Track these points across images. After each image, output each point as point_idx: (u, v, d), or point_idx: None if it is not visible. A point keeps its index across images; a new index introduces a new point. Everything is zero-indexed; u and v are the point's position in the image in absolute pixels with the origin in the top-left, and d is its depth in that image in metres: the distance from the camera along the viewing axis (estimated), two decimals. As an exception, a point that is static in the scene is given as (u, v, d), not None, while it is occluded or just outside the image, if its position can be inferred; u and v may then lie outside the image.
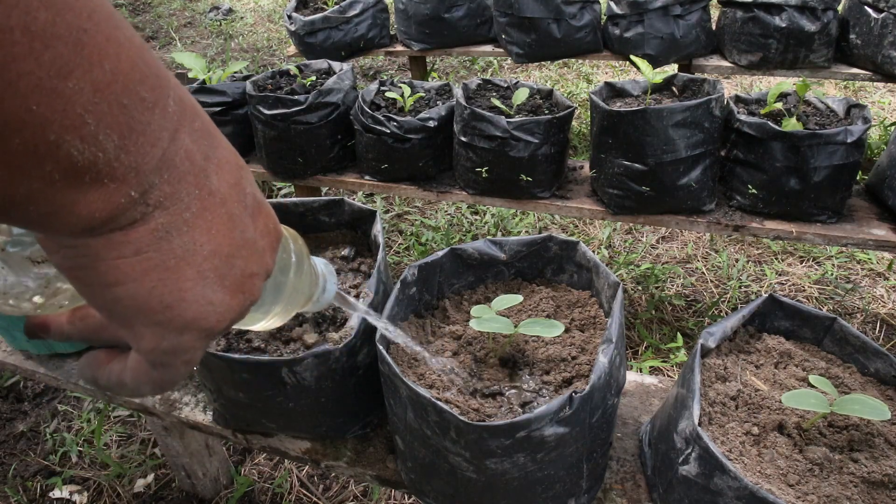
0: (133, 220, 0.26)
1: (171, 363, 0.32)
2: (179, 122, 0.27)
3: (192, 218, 0.28)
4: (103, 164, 0.24)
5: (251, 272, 0.32)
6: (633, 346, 1.79)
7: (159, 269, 0.28)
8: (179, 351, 0.31)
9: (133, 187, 0.25)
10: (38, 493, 1.44)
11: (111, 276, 0.27)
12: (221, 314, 0.31)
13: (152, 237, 0.27)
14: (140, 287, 0.28)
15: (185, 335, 0.30)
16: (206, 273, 0.29)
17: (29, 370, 1.01)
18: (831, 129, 1.40)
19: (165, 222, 0.27)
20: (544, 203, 1.67)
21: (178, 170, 0.27)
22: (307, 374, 0.71)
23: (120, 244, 0.26)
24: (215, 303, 0.30)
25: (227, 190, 0.30)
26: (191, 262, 0.28)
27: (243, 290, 0.32)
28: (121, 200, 0.25)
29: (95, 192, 0.24)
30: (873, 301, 1.90)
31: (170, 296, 0.28)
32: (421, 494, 0.74)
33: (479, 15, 2.70)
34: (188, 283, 0.29)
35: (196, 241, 0.28)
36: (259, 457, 1.51)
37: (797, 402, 0.61)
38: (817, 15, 2.16)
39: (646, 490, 0.74)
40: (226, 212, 0.30)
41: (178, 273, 0.28)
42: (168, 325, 0.29)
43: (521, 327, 0.67)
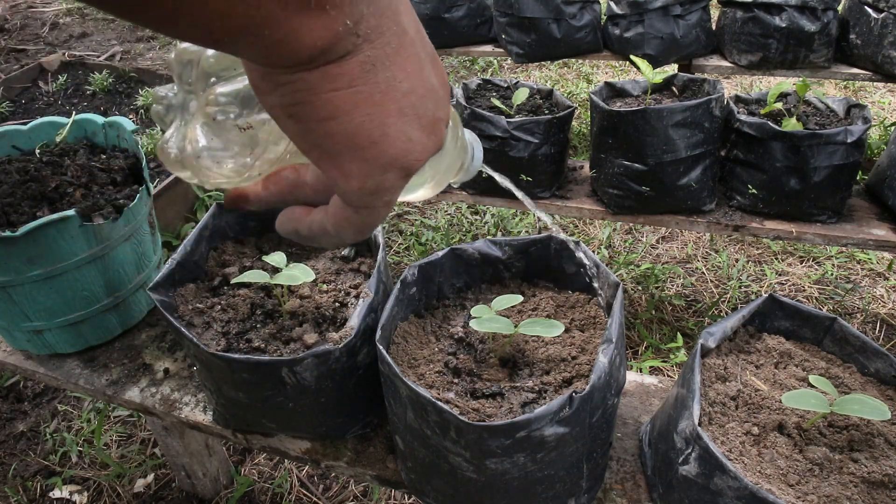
0: (346, 50, 0.27)
1: (374, 204, 0.33)
2: None
3: (393, 53, 0.29)
4: None
5: (438, 116, 0.33)
6: (633, 346, 1.79)
7: (368, 104, 0.29)
8: (382, 190, 0.32)
9: (348, 16, 0.26)
10: (38, 493, 1.44)
11: (326, 109, 0.28)
12: (419, 152, 0.32)
13: (361, 69, 0.28)
14: (351, 121, 0.29)
15: (389, 173, 0.31)
16: (405, 110, 0.30)
17: (29, 370, 1.01)
18: (831, 129, 1.40)
19: (372, 55, 0.28)
20: (544, 203, 1.67)
21: (381, 4, 0.28)
22: (307, 374, 0.71)
23: (334, 76, 0.28)
24: (414, 140, 0.31)
25: (414, 33, 0.31)
26: (392, 98, 0.30)
27: (434, 132, 0.33)
28: (338, 28, 0.26)
29: (318, 19, 0.26)
30: (873, 301, 1.90)
31: (376, 130, 0.30)
32: (421, 494, 0.74)
33: (479, 15, 2.70)
34: (391, 118, 0.30)
35: (396, 76, 0.30)
36: (259, 457, 1.51)
37: (797, 402, 0.61)
38: (817, 15, 2.16)
39: (646, 490, 0.74)
40: (415, 53, 0.31)
41: (382, 108, 0.30)
42: (374, 162, 0.31)
43: (522, 327, 0.67)
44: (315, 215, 0.37)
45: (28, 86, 3.02)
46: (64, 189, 0.94)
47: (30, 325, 0.95)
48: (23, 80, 3.03)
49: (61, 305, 0.93)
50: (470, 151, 0.45)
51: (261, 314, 0.80)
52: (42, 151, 1.03)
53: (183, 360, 0.99)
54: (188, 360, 0.98)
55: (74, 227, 0.87)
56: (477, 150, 0.46)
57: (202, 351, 0.71)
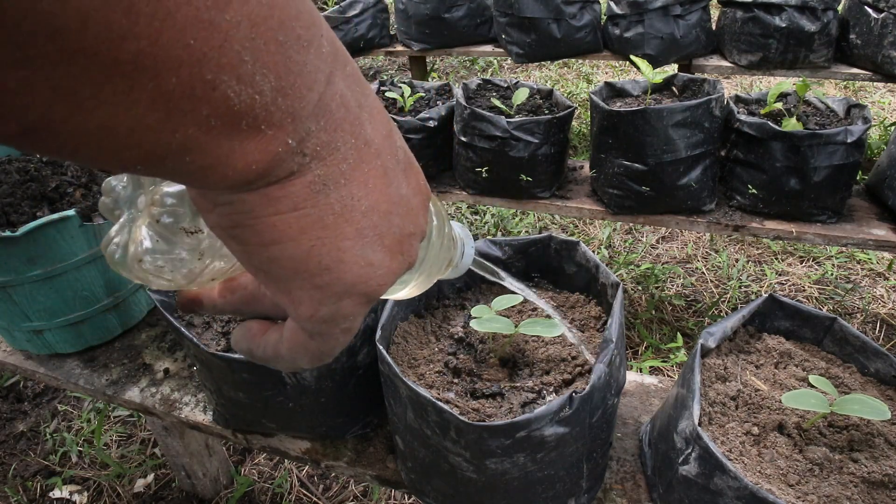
0: (290, 171, 0.25)
1: (330, 332, 0.30)
2: (334, 65, 0.25)
3: (349, 170, 0.26)
4: (260, 108, 0.22)
5: (408, 232, 0.30)
6: (633, 346, 1.79)
7: (317, 227, 0.26)
8: (339, 318, 0.29)
9: (290, 134, 0.24)
10: (38, 493, 1.44)
11: (268, 234, 0.26)
12: (382, 276, 0.29)
13: (309, 191, 0.25)
14: (298, 247, 0.26)
15: (345, 300, 0.28)
16: (364, 231, 0.27)
17: (29, 370, 1.01)
18: (831, 129, 1.40)
19: (322, 174, 0.25)
20: (544, 203, 1.67)
21: (334, 116, 0.25)
22: (307, 374, 0.71)
23: (277, 199, 0.25)
24: (375, 264, 0.28)
25: (380, 141, 0.28)
26: (349, 219, 0.27)
27: (402, 252, 0.30)
28: (278, 149, 0.24)
29: (252, 140, 0.23)
30: (873, 301, 1.90)
31: (328, 257, 0.27)
32: (421, 494, 0.74)
33: (479, 15, 2.71)
34: (347, 242, 0.27)
35: (353, 195, 0.27)
36: (259, 457, 1.51)
37: (797, 402, 0.61)
38: (817, 15, 2.16)
39: (646, 490, 0.74)
40: (381, 164, 0.28)
41: (336, 231, 0.27)
42: (327, 290, 0.28)
43: (522, 327, 0.67)
44: (271, 335, 0.33)
45: (28, 86, 3.02)
46: (64, 189, 0.94)
47: (30, 325, 0.95)
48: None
49: (61, 305, 0.93)
50: (460, 247, 0.43)
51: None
52: (42, 151, 1.03)
53: (183, 360, 0.99)
54: (188, 360, 0.98)
55: (74, 227, 0.87)
56: (468, 247, 0.44)
57: (202, 351, 0.71)
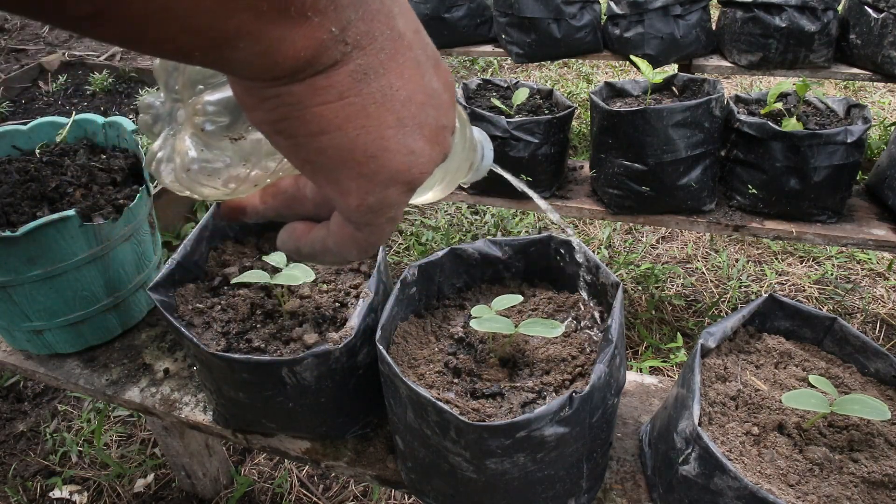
0: (334, 60, 0.25)
1: (376, 221, 0.31)
2: None
3: (387, 60, 0.27)
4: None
5: (443, 123, 0.31)
6: (633, 346, 1.79)
7: (361, 116, 0.27)
8: (385, 206, 0.30)
9: (333, 22, 0.25)
10: (38, 493, 1.44)
11: (316, 124, 0.26)
12: (423, 164, 0.30)
13: (352, 79, 0.26)
14: (344, 135, 0.27)
15: (391, 188, 0.29)
16: (405, 120, 0.28)
17: (29, 370, 1.01)
18: (831, 129, 1.40)
19: (363, 63, 0.26)
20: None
21: (370, 7, 0.26)
22: (307, 374, 0.71)
23: (323, 89, 0.26)
24: (416, 152, 0.29)
25: (412, 35, 0.29)
26: (390, 108, 0.28)
27: (438, 142, 0.30)
28: (323, 37, 0.24)
29: (300, 28, 0.24)
30: (873, 301, 1.90)
31: (373, 144, 0.28)
32: (421, 494, 0.74)
33: (479, 15, 2.70)
34: (389, 130, 0.28)
35: (392, 84, 0.27)
36: (259, 457, 1.51)
37: (797, 402, 0.61)
38: (817, 15, 2.16)
39: (646, 490, 0.74)
40: (414, 57, 0.28)
41: (379, 119, 0.27)
42: (374, 178, 0.28)
43: (522, 327, 0.67)
44: (316, 233, 0.34)
45: (28, 86, 3.03)
46: (64, 189, 0.94)
47: (30, 325, 0.95)
48: (23, 80, 3.03)
49: (61, 305, 0.93)
50: (480, 150, 0.43)
51: (261, 314, 0.80)
52: (42, 151, 1.03)
53: (183, 360, 0.99)
54: (188, 360, 0.98)
55: (74, 227, 0.87)
56: (487, 149, 0.44)
57: (202, 351, 0.71)
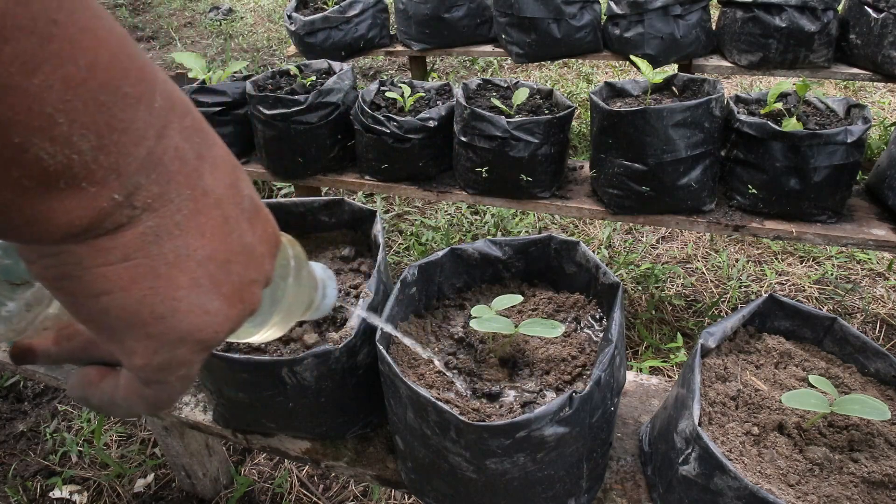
0: (119, 224, 0.24)
1: (166, 379, 0.29)
2: (168, 119, 0.25)
3: (185, 220, 0.26)
4: (79, 167, 0.22)
5: (250, 279, 0.30)
6: (633, 346, 1.79)
7: (149, 277, 0.25)
8: (174, 366, 0.28)
9: (116, 190, 0.23)
10: (38, 493, 1.44)
11: (97, 285, 0.25)
12: (219, 324, 0.28)
13: (141, 241, 0.25)
14: (129, 296, 0.25)
15: (180, 348, 0.28)
16: (200, 280, 0.27)
17: (29, 370, 1.01)
18: (831, 129, 1.40)
19: (154, 225, 0.25)
20: (544, 203, 1.67)
21: (168, 169, 0.25)
22: (307, 374, 0.71)
23: (105, 250, 0.24)
24: (211, 312, 0.28)
25: (222, 191, 0.28)
26: (184, 269, 0.26)
27: (242, 299, 0.29)
28: (103, 204, 0.23)
29: (73, 198, 0.22)
30: (873, 301, 1.90)
31: (161, 305, 0.26)
32: (421, 494, 0.74)
33: (479, 15, 2.70)
34: (181, 291, 0.26)
35: (189, 245, 0.26)
36: (259, 457, 1.51)
37: (797, 402, 0.61)
38: (817, 15, 2.16)
39: (646, 490, 0.74)
40: (221, 214, 0.28)
41: (169, 280, 0.26)
42: (161, 338, 0.27)
43: (522, 327, 0.67)
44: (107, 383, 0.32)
45: None
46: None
47: (30, 325, 0.95)
48: None
49: (61, 305, 0.93)
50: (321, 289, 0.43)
51: (261, 314, 0.80)
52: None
53: (183, 360, 0.99)
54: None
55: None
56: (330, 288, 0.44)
57: (202, 351, 0.71)
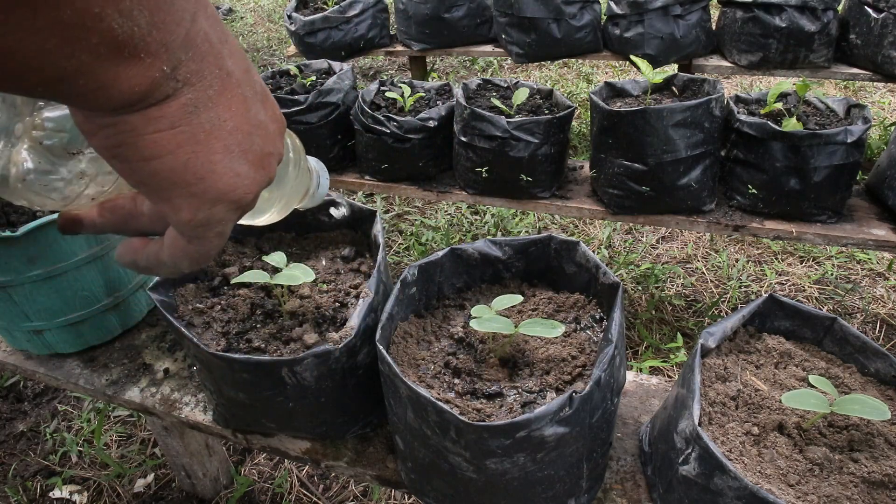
0: (166, 94, 0.28)
1: (206, 235, 0.34)
2: (196, 6, 0.29)
3: (215, 95, 0.30)
4: (139, 39, 0.26)
5: (268, 151, 0.35)
6: (633, 346, 1.79)
7: (191, 143, 0.30)
8: (213, 222, 0.33)
9: (164, 62, 0.27)
10: (38, 493, 1.44)
11: (149, 149, 0.29)
12: (248, 185, 0.33)
13: (183, 111, 0.29)
14: (175, 159, 0.30)
15: (218, 206, 0.33)
16: (231, 147, 0.32)
17: (29, 370, 1.01)
18: (831, 129, 1.40)
19: (193, 98, 0.29)
20: (544, 203, 1.67)
21: (200, 49, 0.29)
22: (307, 374, 0.71)
23: (156, 119, 0.29)
24: (241, 174, 0.33)
25: (240, 74, 0.32)
26: (217, 136, 0.31)
27: (263, 166, 0.34)
28: (155, 75, 0.27)
29: (134, 66, 0.26)
30: (873, 301, 1.90)
31: (202, 168, 0.31)
32: (421, 494, 0.74)
33: (479, 15, 2.70)
34: (217, 155, 0.31)
35: (220, 116, 0.31)
36: (259, 457, 1.51)
37: (797, 402, 0.61)
38: (817, 15, 2.16)
39: (646, 490, 0.74)
40: (241, 93, 0.32)
41: (207, 146, 0.31)
42: (202, 196, 0.32)
43: (522, 327, 0.67)
44: (151, 247, 0.38)
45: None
46: (64, 189, 0.94)
47: (30, 325, 0.95)
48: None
49: (61, 305, 0.93)
50: (315, 179, 0.47)
51: (261, 314, 0.80)
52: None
53: (183, 360, 0.99)
54: (188, 360, 0.98)
55: (74, 227, 0.87)
56: (323, 178, 0.49)
57: (202, 351, 0.71)
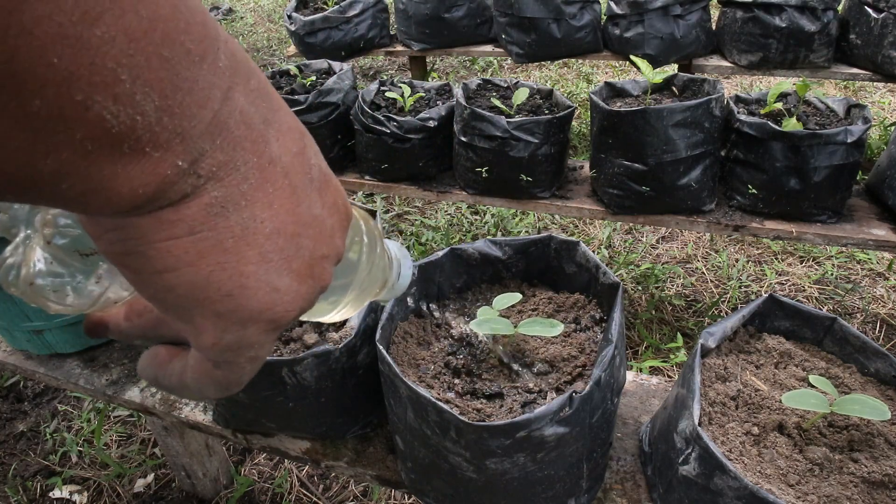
0: (184, 194, 0.23)
1: (236, 360, 0.28)
2: (233, 80, 0.23)
3: (251, 190, 0.24)
4: (143, 129, 0.20)
5: (321, 254, 0.28)
6: (633, 346, 1.79)
7: (216, 251, 0.24)
8: (244, 346, 0.27)
9: (179, 156, 0.22)
10: (38, 493, 1.44)
11: (162, 261, 0.24)
12: (289, 302, 0.27)
13: (206, 213, 0.23)
14: (196, 273, 0.24)
15: (250, 328, 0.27)
16: (269, 255, 0.26)
17: (29, 370, 1.01)
18: (831, 129, 1.40)
19: (220, 196, 0.23)
20: (544, 203, 1.67)
21: (233, 134, 0.23)
22: (307, 374, 0.71)
23: (170, 223, 0.23)
24: (282, 290, 0.26)
25: (289, 159, 0.26)
26: (251, 243, 0.25)
27: (312, 276, 0.28)
28: (167, 172, 0.22)
29: (137, 164, 0.21)
30: (873, 301, 1.90)
31: (230, 282, 0.25)
32: (421, 494, 0.74)
33: (479, 15, 2.70)
34: (250, 266, 0.25)
35: (256, 217, 0.25)
36: (259, 457, 1.51)
37: (797, 402, 0.61)
38: (817, 15, 2.16)
39: (646, 490, 0.74)
40: (289, 184, 0.26)
41: (237, 255, 0.25)
42: (230, 317, 0.26)
43: (521, 327, 0.67)
44: (176, 363, 0.31)
45: None
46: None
47: (30, 325, 0.95)
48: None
49: (61, 305, 0.93)
50: (396, 268, 0.41)
51: (261, 314, 0.80)
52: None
53: (183, 360, 0.99)
54: (188, 360, 0.98)
55: (74, 227, 0.87)
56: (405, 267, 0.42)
57: (202, 351, 0.71)
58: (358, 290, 0.37)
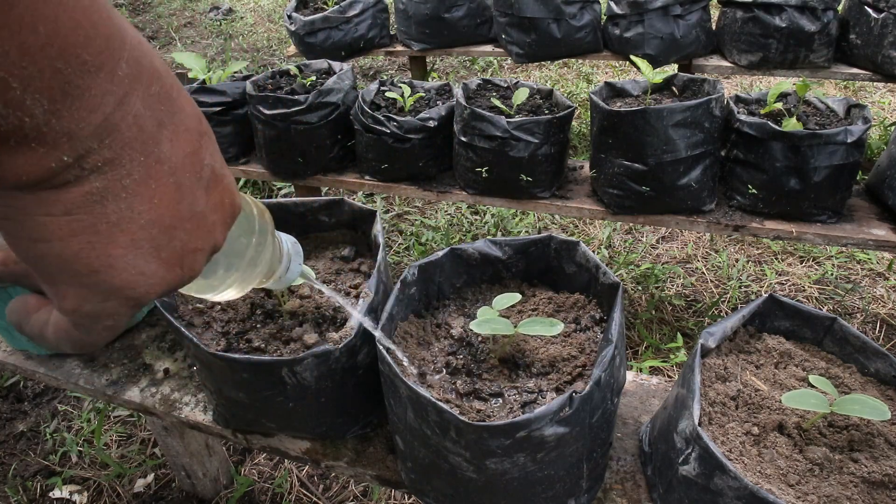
0: (65, 181, 0.25)
1: (92, 326, 0.31)
2: (132, 86, 0.26)
3: (133, 185, 0.27)
4: (30, 129, 0.23)
5: (194, 247, 0.31)
6: (633, 346, 1.79)
7: (88, 232, 0.27)
8: (102, 316, 0.30)
9: (66, 152, 0.24)
10: (38, 493, 1.44)
11: (37, 232, 0.26)
12: (152, 285, 0.30)
13: (85, 200, 0.26)
14: (66, 247, 0.27)
15: (110, 301, 0.29)
16: (140, 242, 0.28)
17: (29, 370, 1.01)
18: (831, 129, 1.40)
19: (101, 187, 0.26)
20: (544, 203, 1.67)
21: (123, 136, 0.26)
22: (307, 374, 0.71)
23: (49, 202, 0.26)
24: (147, 273, 0.29)
25: (179, 159, 0.29)
26: (125, 230, 0.28)
27: (181, 265, 0.31)
28: (51, 164, 0.24)
29: (22, 156, 0.23)
30: (873, 301, 1.90)
31: (97, 260, 0.28)
32: (421, 494, 0.74)
33: (479, 15, 2.71)
34: (119, 249, 0.28)
35: (134, 208, 0.28)
36: (259, 457, 1.51)
37: (797, 402, 0.61)
38: (817, 15, 2.16)
39: (646, 490, 0.74)
40: (174, 182, 0.29)
41: (109, 238, 0.27)
42: (93, 289, 0.29)
43: (521, 327, 0.67)
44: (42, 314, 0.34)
45: None
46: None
47: (30, 325, 0.95)
48: None
49: (61, 305, 0.93)
50: (285, 262, 0.45)
51: (261, 314, 0.80)
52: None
53: (183, 360, 0.99)
54: (188, 360, 0.98)
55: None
56: (294, 263, 0.46)
57: (202, 351, 0.71)
58: (241, 277, 0.41)
